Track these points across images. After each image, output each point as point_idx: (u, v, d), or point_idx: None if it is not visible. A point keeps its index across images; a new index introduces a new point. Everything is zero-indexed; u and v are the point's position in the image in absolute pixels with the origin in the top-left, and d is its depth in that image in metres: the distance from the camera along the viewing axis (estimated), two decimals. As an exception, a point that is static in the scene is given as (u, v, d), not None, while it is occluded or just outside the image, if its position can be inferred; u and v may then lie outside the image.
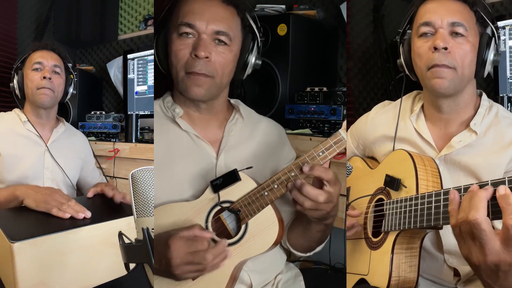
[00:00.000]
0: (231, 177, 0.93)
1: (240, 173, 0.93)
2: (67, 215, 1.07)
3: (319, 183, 0.88)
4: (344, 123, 0.90)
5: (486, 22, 0.98)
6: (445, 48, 0.93)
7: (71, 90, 1.57)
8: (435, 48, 0.94)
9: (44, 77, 1.42)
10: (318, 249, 1.08)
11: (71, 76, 1.57)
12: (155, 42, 1.05)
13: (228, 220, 0.96)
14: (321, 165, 0.88)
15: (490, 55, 0.98)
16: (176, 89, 1.06)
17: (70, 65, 1.57)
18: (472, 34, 0.96)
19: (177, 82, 1.01)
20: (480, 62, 0.97)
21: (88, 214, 1.08)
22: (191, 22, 0.97)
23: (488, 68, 0.99)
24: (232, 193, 0.94)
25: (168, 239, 0.87)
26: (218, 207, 0.95)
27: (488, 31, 0.99)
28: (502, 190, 0.65)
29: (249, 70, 1.08)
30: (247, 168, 0.95)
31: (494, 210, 0.67)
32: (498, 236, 0.65)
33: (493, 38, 0.98)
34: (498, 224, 0.70)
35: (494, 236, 0.65)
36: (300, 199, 0.87)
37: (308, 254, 1.09)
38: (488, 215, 0.66)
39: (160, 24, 1.05)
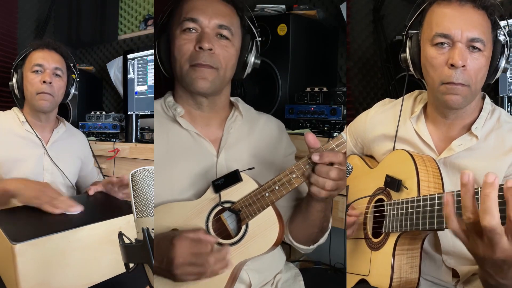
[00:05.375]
0: (233, 178, 0.93)
1: (241, 173, 0.93)
2: (58, 211, 1.07)
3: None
4: (346, 127, 0.89)
5: (500, 29, 0.96)
6: (463, 66, 0.90)
7: (72, 90, 1.52)
8: (452, 65, 0.90)
9: (44, 81, 1.37)
10: (322, 240, 1.06)
11: (73, 76, 1.52)
12: (157, 45, 1.06)
13: (229, 220, 0.96)
14: (328, 151, 0.87)
15: (502, 63, 0.96)
16: (179, 86, 1.07)
17: (72, 64, 1.52)
18: (488, 47, 0.93)
19: (181, 77, 1.02)
20: (492, 71, 0.96)
21: (79, 209, 1.07)
22: (195, 17, 0.99)
23: (498, 75, 0.97)
24: (233, 193, 0.94)
25: (173, 238, 0.88)
26: (219, 207, 0.95)
27: (502, 38, 0.96)
28: (510, 183, 0.64)
29: (249, 69, 1.11)
30: (248, 169, 0.95)
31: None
32: (505, 232, 0.64)
33: (506, 46, 0.95)
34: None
35: (503, 234, 0.65)
36: (320, 181, 0.86)
37: (311, 246, 1.07)
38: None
39: (161, 28, 1.07)
